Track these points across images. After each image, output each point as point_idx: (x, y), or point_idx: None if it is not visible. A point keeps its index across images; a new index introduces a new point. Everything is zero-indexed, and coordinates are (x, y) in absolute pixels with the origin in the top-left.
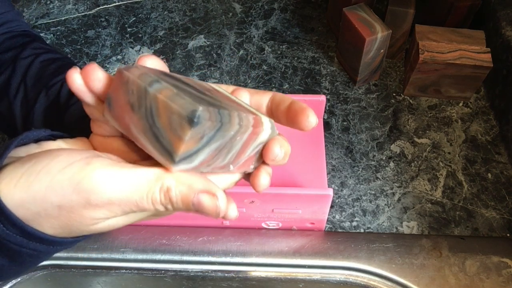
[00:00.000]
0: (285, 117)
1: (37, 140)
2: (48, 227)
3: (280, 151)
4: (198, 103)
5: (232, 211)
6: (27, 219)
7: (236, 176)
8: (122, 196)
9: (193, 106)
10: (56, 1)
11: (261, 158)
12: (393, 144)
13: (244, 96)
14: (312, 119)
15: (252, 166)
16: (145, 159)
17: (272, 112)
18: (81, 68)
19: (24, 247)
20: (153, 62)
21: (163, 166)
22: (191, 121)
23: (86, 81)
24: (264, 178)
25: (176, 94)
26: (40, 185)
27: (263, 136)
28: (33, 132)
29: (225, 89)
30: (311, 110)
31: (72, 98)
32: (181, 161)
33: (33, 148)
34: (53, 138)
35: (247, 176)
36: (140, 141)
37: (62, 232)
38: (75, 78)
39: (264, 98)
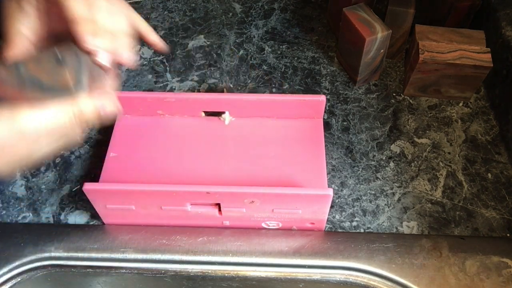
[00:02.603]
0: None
1: None
2: None
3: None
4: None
5: (109, 105)
6: None
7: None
8: (48, 124)
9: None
10: None
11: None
12: (393, 144)
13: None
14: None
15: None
16: None
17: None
18: None
19: None
20: None
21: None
22: (60, 61)
23: None
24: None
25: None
26: None
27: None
28: None
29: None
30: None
31: None
32: (76, 90)
33: None
34: None
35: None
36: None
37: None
38: None
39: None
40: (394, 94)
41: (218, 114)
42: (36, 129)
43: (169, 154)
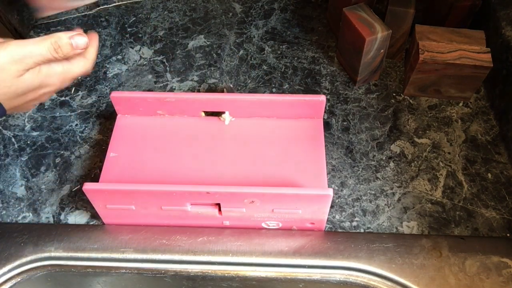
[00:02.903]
0: None
1: None
2: None
3: None
4: None
5: (79, 37)
6: None
7: None
8: (32, 52)
9: None
10: None
11: None
12: (393, 144)
13: None
14: None
15: None
16: None
17: None
18: None
19: None
20: None
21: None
22: None
23: None
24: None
25: None
26: None
27: None
28: None
29: None
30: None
31: None
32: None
33: None
34: None
35: None
36: None
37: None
38: None
39: None
40: (394, 94)
41: (218, 114)
42: (23, 56)
43: (169, 154)
